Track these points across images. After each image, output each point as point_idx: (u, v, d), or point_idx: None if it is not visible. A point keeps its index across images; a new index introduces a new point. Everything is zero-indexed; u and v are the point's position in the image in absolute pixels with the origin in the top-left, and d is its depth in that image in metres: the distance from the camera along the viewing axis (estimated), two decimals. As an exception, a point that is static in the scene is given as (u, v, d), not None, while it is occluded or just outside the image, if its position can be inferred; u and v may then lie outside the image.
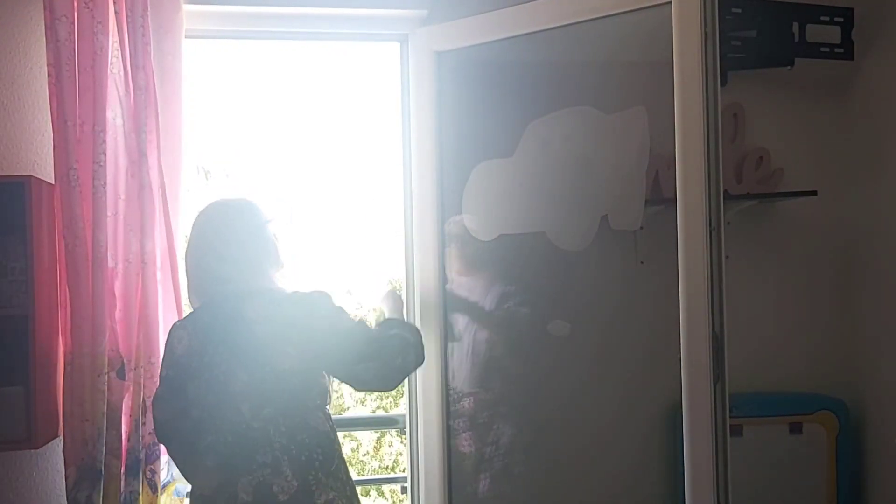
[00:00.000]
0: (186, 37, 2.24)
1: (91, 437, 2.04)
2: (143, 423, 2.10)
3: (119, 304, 2.11)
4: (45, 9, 2.06)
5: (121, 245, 2.12)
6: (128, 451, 2.10)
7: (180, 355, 1.87)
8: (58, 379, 2.12)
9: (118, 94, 2.11)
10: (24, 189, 1.99)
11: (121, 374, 2.10)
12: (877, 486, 2.60)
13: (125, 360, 2.10)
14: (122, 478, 2.09)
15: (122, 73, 2.11)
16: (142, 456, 2.11)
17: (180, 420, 1.88)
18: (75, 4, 2.08)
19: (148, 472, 2.12)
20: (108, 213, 2.07)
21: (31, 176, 2.02)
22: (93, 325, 2.05)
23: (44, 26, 2.07)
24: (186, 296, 1.99)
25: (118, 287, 2.11)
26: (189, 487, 1.95)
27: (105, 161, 2.05)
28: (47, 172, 2.20)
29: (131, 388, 2.11)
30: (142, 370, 2.10)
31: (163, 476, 2.16)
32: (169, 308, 2.18)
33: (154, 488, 2.12)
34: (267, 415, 1.78)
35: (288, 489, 1.74)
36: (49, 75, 2.06)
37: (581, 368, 2.40)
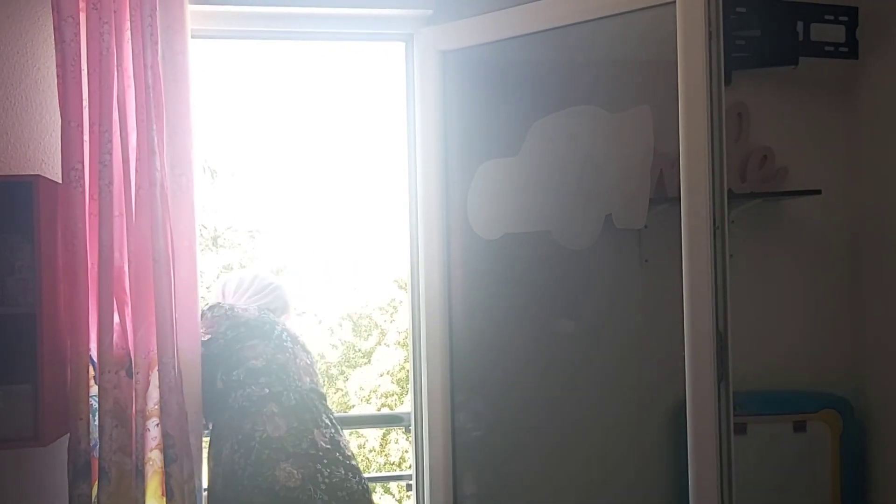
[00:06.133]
0: (192, 37, 2.25)
1: (84, 435, 2.04)
2: (147, 427, 2.10)
3: (130, 303, 2.12)
4: (52, 10, 2.07)
5: (126, 244, 2.12)
6: (135, 450, 2.10)
7: None
8: (65, 377, 2.13)
9: (125, 93, 2.12)
10: (31, 188, 1.99)
11: (129, 373, 2.11)
12: (881, 485, 2.60)
13: (132, 359, 2.11)
14: (133, 476, 2.09)
15: (129, 72, 2.12)
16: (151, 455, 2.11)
17: None
18: (82, 5, 2.09)
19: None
20: (115, 213, 2.08)
21: (38, 175, 2.03)
22: (98, 324, 2.06)
23: (52, 27, 2.08)
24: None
25: (128, 286, 2.12)
26: None
27: (111, 161, 2.07)
28: (55, 172, 2.21)
29: (139, 387, 2.11)
30: (156, 369, 2.09)
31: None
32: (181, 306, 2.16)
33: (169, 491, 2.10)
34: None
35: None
36: (57, 76, 2.08)
37: (585, 366, 2.40)
